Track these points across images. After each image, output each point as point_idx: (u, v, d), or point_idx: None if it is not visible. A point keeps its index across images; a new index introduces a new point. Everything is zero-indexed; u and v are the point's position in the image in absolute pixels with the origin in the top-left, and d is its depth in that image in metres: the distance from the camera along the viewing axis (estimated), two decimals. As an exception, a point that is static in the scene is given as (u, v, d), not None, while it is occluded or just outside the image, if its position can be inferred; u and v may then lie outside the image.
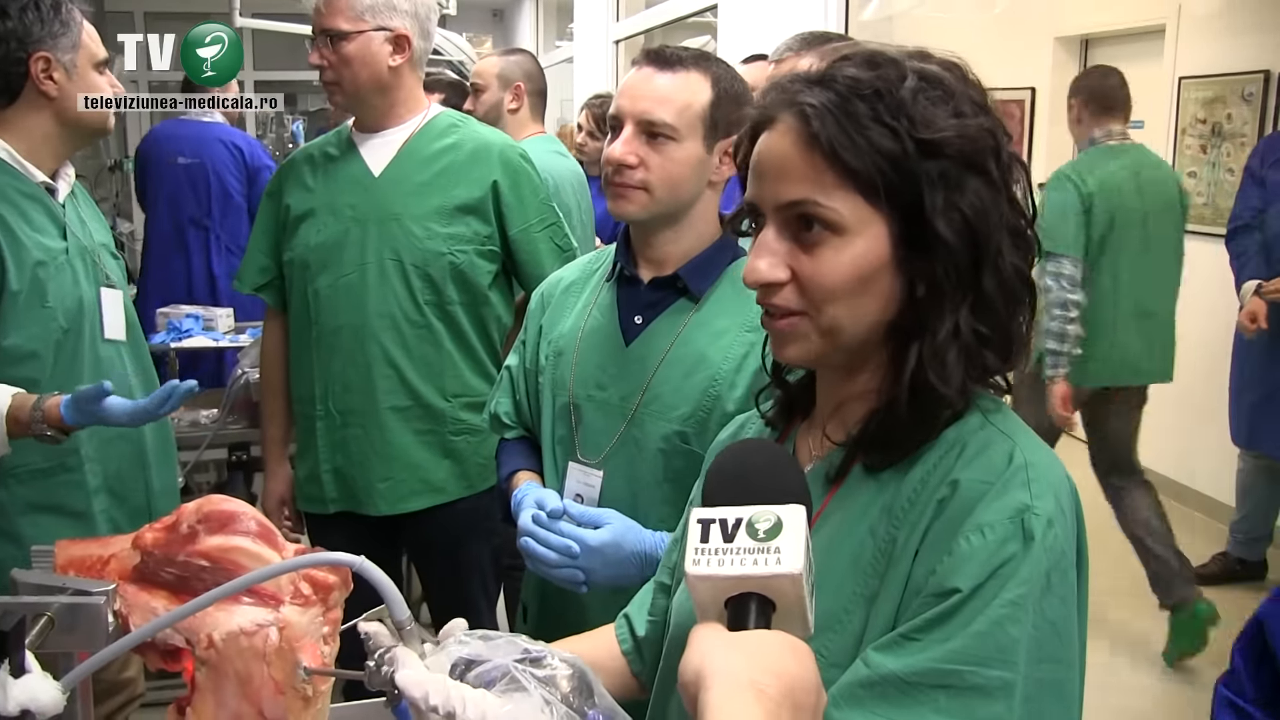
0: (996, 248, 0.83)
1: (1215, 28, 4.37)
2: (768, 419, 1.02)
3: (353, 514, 2.11)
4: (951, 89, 0.84)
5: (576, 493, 1.49)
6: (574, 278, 1.61)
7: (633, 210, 1.44)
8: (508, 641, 0.88)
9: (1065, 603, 0.78)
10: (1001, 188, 0.84)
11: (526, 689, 0.82)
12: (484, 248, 2.06)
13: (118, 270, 1.96)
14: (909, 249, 0.83)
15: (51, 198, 1.83)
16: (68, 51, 1.79)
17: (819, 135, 0.82)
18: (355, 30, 1.97)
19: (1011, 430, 0.84)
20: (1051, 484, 0.80)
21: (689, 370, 1.44)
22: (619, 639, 1.15)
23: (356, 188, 2.06)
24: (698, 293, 1.47)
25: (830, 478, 0.89)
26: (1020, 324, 0.86)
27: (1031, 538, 0.76)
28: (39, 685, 0.76)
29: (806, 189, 0.82)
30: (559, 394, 1.53)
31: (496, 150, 2.09)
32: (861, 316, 0.84)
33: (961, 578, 0.76)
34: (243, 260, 2.25)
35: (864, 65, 0.84)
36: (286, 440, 2.27)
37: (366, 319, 2.03)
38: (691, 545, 0.72)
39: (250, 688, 0.87)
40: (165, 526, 0.91)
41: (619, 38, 6.01)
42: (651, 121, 1.41)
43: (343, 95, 2.04)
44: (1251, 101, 4.21)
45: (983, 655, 0.74)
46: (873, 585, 0.82)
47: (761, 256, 0.85)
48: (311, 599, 0.89)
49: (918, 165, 0.81)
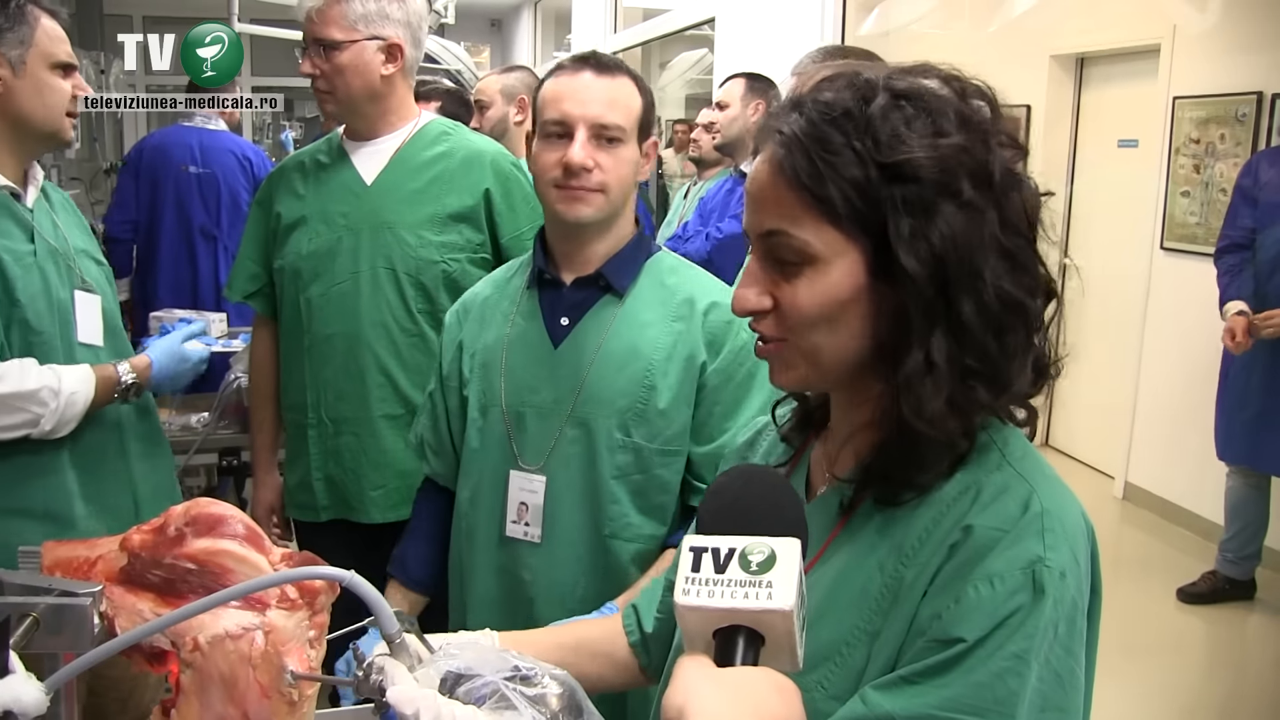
0: (976, 273, 0.78)
1: (1209, 48, 4.40)
2: (784, 434, 1.00)
3: (345, 521, 2.11)
4: (929, 105, 0.80)
5: (521, 501, 1.51)
6: (489, 292, 1.63)
7: (590, 213, 1.47)
8: (498, 656, 0.88)
9: (1071, 653, 0.77)
10: (985, 208, 0.79)
11: (517, 708, 0.82)
12: (476, 255, 2.06)
13: (100, 276, 1.92)
14: (878, 277, 0.80)
15: (17, 201, 1.79)
16: (14, 47, 1.73)
17: (784, 165, 0.81)
18: (348, 39, 1.97)
19: (1030, 472, 0.81)
20: (1067, 533, 0.78)
21: (621, 364, 1.47)
22: (626, 630, 1.15)
23: (348, 196, 2.06)
24: (621, 289, 1.51)
25: (843, 506, 0.87)
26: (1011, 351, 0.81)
27: (1042, 591, 0.75)
28: (22, 686, 0.75)
29: (778, 219, 0.82)
30: (490, 406, 1.55)
31: (488, 158, 2.09)
32: (839, 345, 0.83)
33: (967, 627, 0.75)
34: (232, 268, 2.24)
35: (842, 87, 0.82)
36: (275, 448, 2.26)
37: (359, 327, 2.03)
38: (682, 574, 0.71)
39: (235, 691, 0.87)
40: (153, 529, 0.91)
41: (616, 49, 6.03)
42: (605, 125, 1.45)
43: (335, 104, 2.04)
44: (1244, 122, 4.24)
45: (980, 705, 0.73)
46: (876, 622, 0.81)
47: (746, 285, 0.85)
48: (298, 603, 0.89)
49: (882, 191, 0.78)
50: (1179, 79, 4.57)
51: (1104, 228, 5.28)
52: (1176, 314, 4.60)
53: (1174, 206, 4.63)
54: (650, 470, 1.47)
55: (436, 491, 1.68)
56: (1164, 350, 4.67)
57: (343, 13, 1.97)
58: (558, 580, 1.50)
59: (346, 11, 1.97)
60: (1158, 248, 4.72)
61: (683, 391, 1.47)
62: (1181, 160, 4.58)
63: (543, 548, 1.50)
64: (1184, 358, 4.48)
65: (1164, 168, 4.66)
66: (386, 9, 1.99)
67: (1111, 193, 5.23)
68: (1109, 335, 5.16)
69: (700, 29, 5.11)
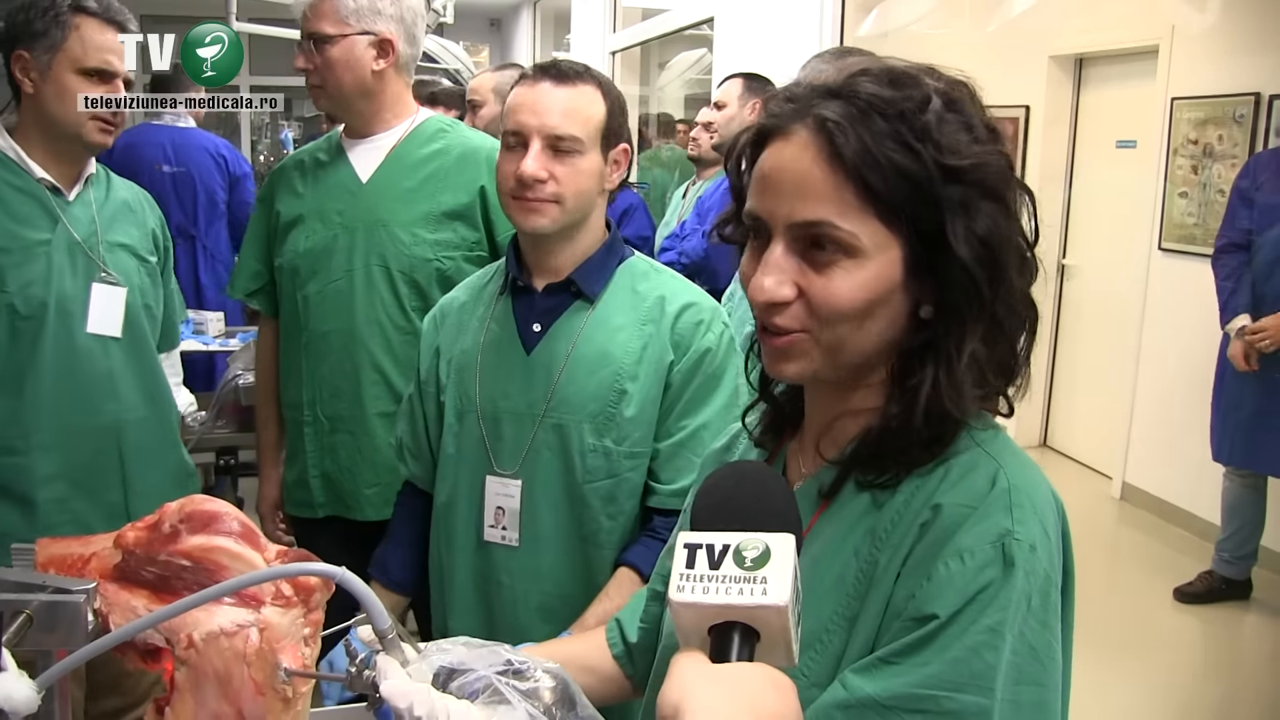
0: (1007, 271, 0.82)
1: (1208, 49, 4.40)
2: (756, 439, 0.99)
3: (342, 518, 2.11)
4: (968, 113, 0.83)
5: (497, 505, 1.51)
6: (466, 298, 1.64)
7: (545, 224, 1.47)
8: (490, 650, 0.88)
9: (1046, 626, 0.77)
10: (1010, 211, 0.83)
11: (510, 701, 0.82)
12: (472, 253, 2.06)
13: (137, 270, 1.98)
14: (921, 273, 0.81)
15: (57, 195, 1.87)
16: (45, 52, 1.81)
17: (843, 153, 0.79)
18: (339, 34, 1.98)
19: (998, 452, 0.83)
20: (1036, 507, 0.79)
21: (592, 368, 1.48)
22: (610, 643, 1.15)
23: (344, 194, 2.06)
24: (592, 295, 1.52)
25: (820, 494, 0.88)
26: (1021, 346, 0.86)
27: (1012, 563, 0.76)
28: (14, 684, 0.75)
29: (825, 210, 0.80)
30: (466, 411, 1.55)
31: (484, 155, 2.08)
32: (866, 338, 0.83)
33: (940, 604, 0.76)
34: (235, 266, 2.26)
35: (885, 83, 0.82)
36: (280, 445, 2.26)
37: (354, 325, 2.03)
38: (677, 571, 0.71)
39: (230, 688, 0.87)
40: (147, 525, 0.90)
41: (616, 49, 6.03)
42: (559, 136, 1.46)
43: (327, 99, 2.04)
44: (1242, 123, 4.24)
45: (959, 681, 0.74)
46: (854, 607, 0.82)
47: (769, 274, 0.82)
48: (293, 600, 0.89)
49: (940, 190, 0.79)
50: (1177, 80, 4.57)
51: (1102, 228, 5.29)
52: (1174, 315, 4.60)
53: (1172, 207, 4.63)
54: (620, 474, 1.48)
55: (416, 494, 1.68)
56: (1162, 351, 4.68)
57: (335, 7, 1.97)
58: (536, 584, 1.51)
59: (339, 6, 1.97)
60: (1156, 249, 4.72)
61: (651, 394, 1.48)
62: (1180, 161, 4.58)
63: (520, 552, 1.51)
64: (1182, 358, 4.48)
65: (1162, 169, 4.66)
66: (379, 4, 1.99)
67: (1110, 193, 5.23)
68: (1107, 336, 5.17)
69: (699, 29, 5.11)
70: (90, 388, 1.88)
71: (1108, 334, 5.15)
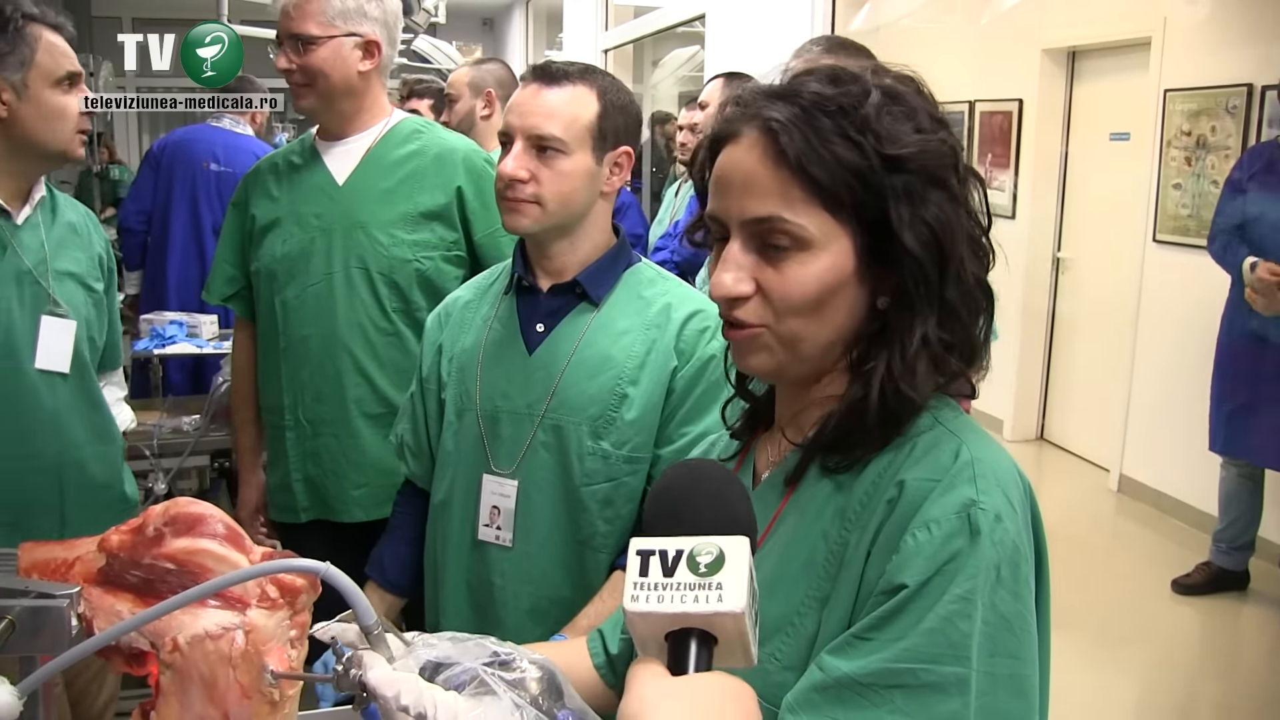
0: (959, 258, 0.84)
1: (1200, 41, 4.40)
2: (733, 432, 1.02)
3: (326, 522, 2.10)
4: (912, 104, 0.85)
5: (493, 505, 1.51)
6: (470, 296, 1.64)
7: (526, 224, 1.47)
8: (476, 644, 0.88)
9: (1018, 598, 0.78)
10: (961, 200, 0.85)
11: (496, 692, 0.82)
12: (450, 253, 2.05)
13: (85, 302, 1.85)
14: (873, 262, 0.84)
15: (5, 218, 1.76)
16: (16, 70, 1.70)
17: (786, 150, 0.82)
18: (326, 35, 1.97)
19: (960, 429, 0.85)
20: (999, 479, 0.80)
21: (593, 371, 1.48)
22: (591, 652, 1.15)
23: (321, 196, 2.05)
24: (597, 297, 1.51)
25: (787, 480, 0.90)
26: (980, 330, 0.88)
27: (978, 532, 0.76)
28: (-4, 689, 0.75)
29: (773, 205, 0.83)
30: (465, 410, 1.55)
31: (460, 155, 2.08)
32: (823, 329, 0.85)
33: (908, 573, 0.76)
34: (210, 271, 2.22)
35: (827, 82, 0.85)
36: (259, 449, 2.25)
37: (335, 328, 2.02)
38: (630, 579, 0.69)
39: (216, 692, 0.86)
40: (132, 529, 0.90)
41: (608, 46, 6.03)
42: (540, 136, 1.45)
43: (315, 98, 2.03)
44: (1235, 114, 4.24)
45: (935, 652, 0.74)
46: (825, 588, 0.83)
47: (727, 270, 0.85)
48: (279, 602, 0.88)
49: (883, 179, 0.82)
50: (1170, 72, 4.57)
51: (1096, 221, 5.29)
52: (1169, 306, 4.60)
53: (1166, 199, 4.63)
54: (619, 478, 1.47)
55: (416, 493, 1.68)
56: (1157, 342, 4.68)
57: (320, 8, 1.96)
58: (528, 585, 1.50)
59: (325, 7, 1.96)
60: (1150, 240, 4.72)
61: (653, 399, 1.47)
62: (1173, 153, 4.58)
63: (514, 552, 1.50)
64: (1177, 350, 4.48)
65: (1156, 161, 4.66)
66: (364, 6, 1.99)
67: (1104, 186, 5.23)
68: (1102, 328, 5.17)
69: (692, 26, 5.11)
70: (35, 428, 1.77)
71: (1103, 326, 5.15)
